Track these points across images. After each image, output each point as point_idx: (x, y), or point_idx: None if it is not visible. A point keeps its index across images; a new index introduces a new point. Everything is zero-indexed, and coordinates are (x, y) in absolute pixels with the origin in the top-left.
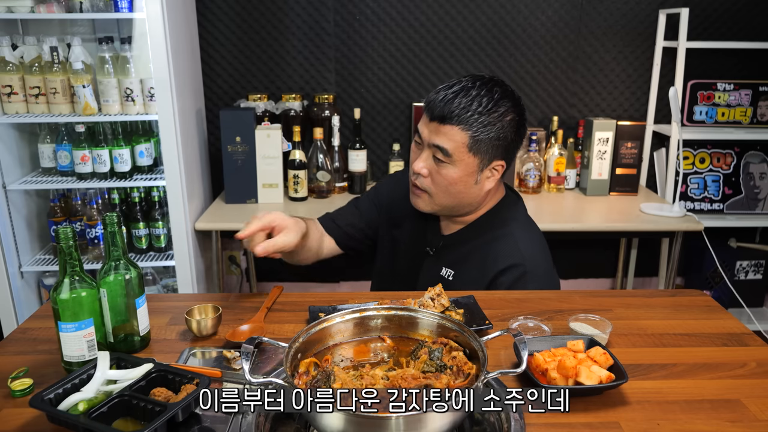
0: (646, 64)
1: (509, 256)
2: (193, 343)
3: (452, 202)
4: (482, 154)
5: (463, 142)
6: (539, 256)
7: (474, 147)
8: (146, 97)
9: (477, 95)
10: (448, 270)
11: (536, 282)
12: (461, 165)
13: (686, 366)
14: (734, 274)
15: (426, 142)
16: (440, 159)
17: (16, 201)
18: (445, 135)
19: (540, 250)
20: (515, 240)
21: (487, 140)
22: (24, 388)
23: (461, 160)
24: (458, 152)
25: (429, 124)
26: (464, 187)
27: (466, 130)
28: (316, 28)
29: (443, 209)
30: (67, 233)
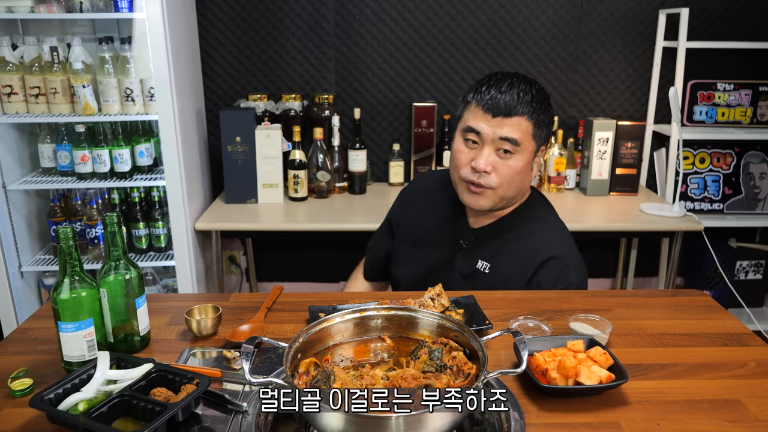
0: (646, 64)
1: (548, 249)
2: (193, 343)
3: (514, 191)
4: (539, 140)
5: (528, 130)
6: (574, 249)
7: (536, 133)
8: (146, 97)
9: (527, 85)
10: (484, 263)
11: (576, 273)
12: (526, 153)
13: (686, 366)
14: (734, 274)
15: (490, 138)
16: (507, 150)
17: (16, 201)
18: (513, 126)
19: (573, 244)
20: (551, 233)
21: (545, 125)
22: (24, 388)
23: (526, 149)
24: (525, 140)
25: (491, 120)
26: (525, 175)
27: (530, 119)
28: (316, 28)
29: (502, 201)
30: (67, 233)
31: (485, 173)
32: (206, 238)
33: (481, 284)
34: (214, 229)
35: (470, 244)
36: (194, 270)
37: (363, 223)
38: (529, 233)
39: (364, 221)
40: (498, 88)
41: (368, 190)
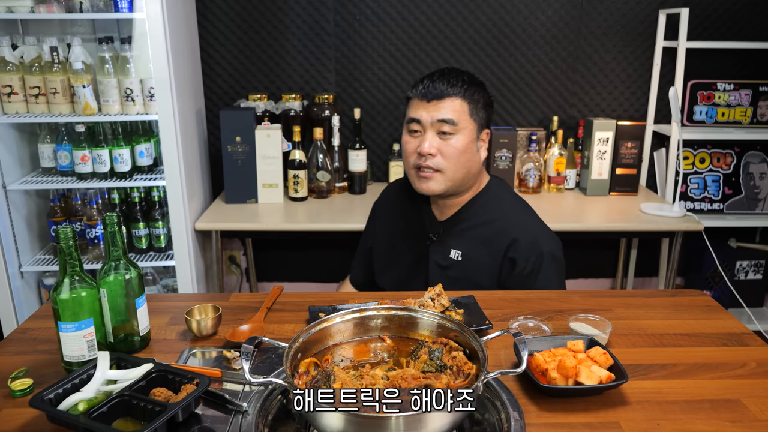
0: (646, 64)
1: (514, 227)
2: (193, 343)
3: (463, 173)
4: (478, 119)
5: (464, 110)
6: (539, 222)
7: (473, 112)
8: (146, 97)
9: (458, 73)
10: (456, 252)
11: (546, 242)
12: (466, 131)
13: (686, 366)
14: (734, 274)
15: (429, 122)
16: (447, 131)
17: (16, 201)
18: (447, 107)
19: (538, 218)
20: (514, 212)
21: (481, 105)
22: (24, 388)
23: (465, 127)
24: (462, 119)
25: (427, 105)
26: (471, 155)
27: (464, 99)
28: (316, 28)
29: (454, 184)
30: (67, 233)
31: (431, 156)
32: (206, 238)
33: (458, 272)
34: (214, 229)
35: (440, 236)
36: (194, 270)
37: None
38: (493, 216)
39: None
40: (431, 79)
41: (368, 190)
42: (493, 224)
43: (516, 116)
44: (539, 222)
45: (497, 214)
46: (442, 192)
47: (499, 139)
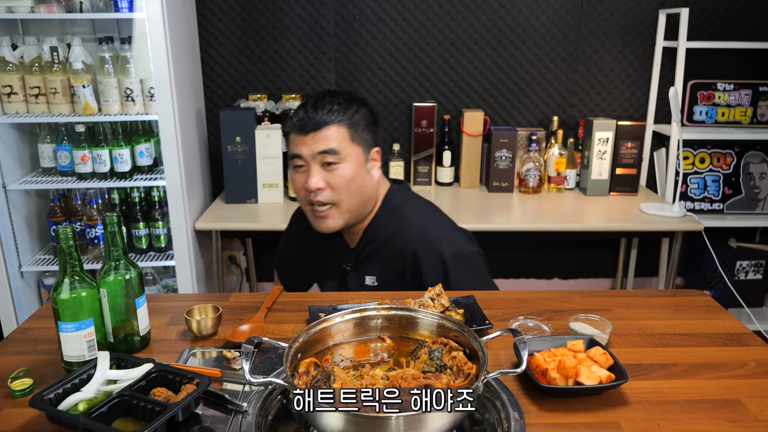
0: (646, 64)
1: (413, 241)
2: (193, 343)
3: (357, 200)
4: (363, 141)
5: (344, 136)
6: (440, 224)
7: (355, 136)
8: (146, 97)
9: (331, 98)
10: (371, 278)
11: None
12: (351, 158)
13: (686, 366)
14: (734, 274)
15: (310, 156)
16: (331, 162)
17: (16, 201)
18: (327, 137)
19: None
20: (411, 224)
21: (363, 126)
22: (24, 388)
23: (350, 154)
24: (345, 146)
25: (305, 138)
26: (362, 180)
27: (342, 125)
28: (316, 28)
29: (352, 215)
30: (67, 233)
31: (320, 190)
32: (206, 238)
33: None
34: (214, 229)
35: (353, 264)
36: (194, 270)
37: None
38: (392, 232)
39: None
40: (305, 110)
41: None
42: (394, 241)
43: (516, 116)
44: (438, 222)
45: (396, 228)
46: (342, 227)
47: (499, 139)
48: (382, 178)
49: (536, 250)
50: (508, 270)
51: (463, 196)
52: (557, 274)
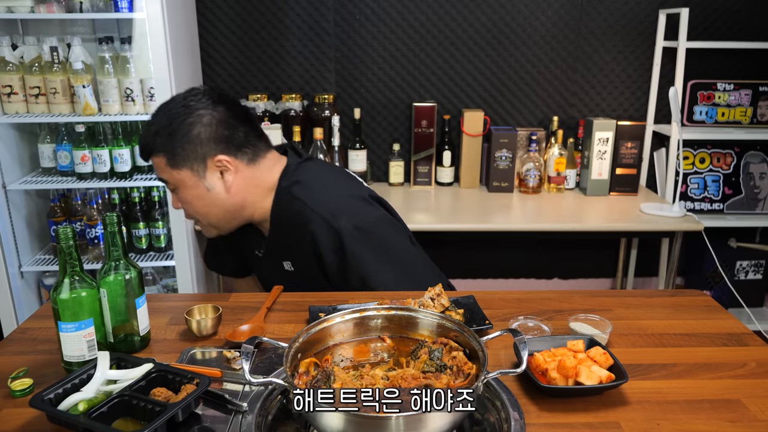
0: (646, 64)
1: (309, 221)
2: (193, 343)
3: (217, 214)
4: (186, 164)
5: (163, 165)
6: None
7: (173, 162)
8: (146, 97)
9: (155, 120)
10: (287, 263)
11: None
12: (181, 184)
13: (686, 366)
14: (734, 274)
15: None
16: (171, 189)
17: (16, 201)
18: (157, 167)
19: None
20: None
21: (180, 150)
22: (24, 388)
23: (176, 180)
24: (168, 175)
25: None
26: (209, 198)
27: (158, 154)
28: (316, 28)
29: (223, 225)
30: (67, 233)
31: (182, 209)
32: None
33: (299, 278)
34: None
35: (267, 251)
36: (194, 270)
37: None
38: (291, 216)
39: None
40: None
41: None
42: (294, 225)
43: (516, 116)
44: (331, 195)
45: (292, 212)
46: (220, 233)
47: (499, 139)
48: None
49: (536, 250)
50: (508, 270)
51: (463, 196)
52: (557, 274)
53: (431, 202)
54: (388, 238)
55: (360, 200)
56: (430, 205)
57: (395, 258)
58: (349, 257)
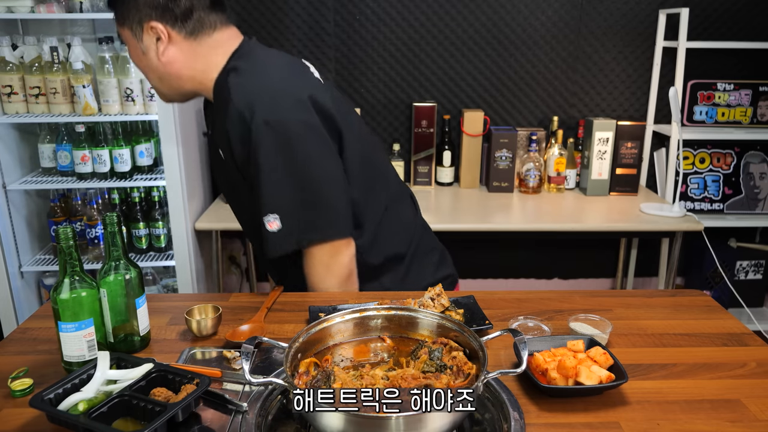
0: (646, 64)
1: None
2: (193, 343)
3: (155, 79)
4: (126, 23)
5: (114, 19)
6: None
7: (118, 19)
8: (146, 97)
9: None
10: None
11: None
12: (124, 41)
13: (686, 366)
14: (734, 274)
15: None
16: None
17: (16, 201)
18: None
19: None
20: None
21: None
22: (24, 388)
23: (121, 35)
24: (118, 30)
25: None
26: (144, 62)
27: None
28: (316, 28)
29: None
30: (67, 233)
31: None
32: (206, 238)
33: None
34: (214, 228)
35: (210, 131)
36: (194, 270)
37: None
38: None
39: None
40: None
41: None
42: (220, 110)
43: (516, 116)
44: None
45: (222, 96)
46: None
47: (499, 139)
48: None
49: (536, 250)
50: (508, 270)
51: (463, 196)
52: (557, 274)
53: (431, 202)
54: (303, 149)
55: (292, 99)
56: (430, 205)
57: (301, 176)
58: (251, 155)
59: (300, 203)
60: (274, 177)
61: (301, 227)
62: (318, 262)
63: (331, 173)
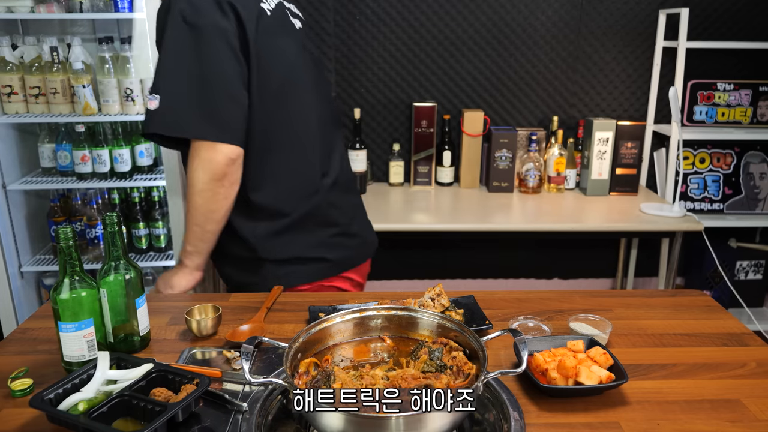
0: (646, 64)
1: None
2: (193, 343)
3: None
4: None
5: None
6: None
7: None
8: (146, 97)
9: None
10: None
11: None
12: None
13: (686, 366)
14: (734, 274)
15: None
16: None
17: (16, 201)
18: None
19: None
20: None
21: None
22: (24, 388)
23: None
24: None
25: None
26: None
27: None
28: (316, 28)
29: None
30: (67, 233)
31: None
32: None
33: None
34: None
35: None
36: None
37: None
38: None
39: None
40: None
41: (368, 190)
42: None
43: (516, 116)
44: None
45: None
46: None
47: (499, 139)
48: None
49: (536, 250)
50: (508, 270)
51: (463, 196)
52: (557, 274)
53: (431, 202)
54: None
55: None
56: (430, 205)
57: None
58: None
59: (185, 95)
60: (168, 63)
61: (177, 117)
62: (195, 153)
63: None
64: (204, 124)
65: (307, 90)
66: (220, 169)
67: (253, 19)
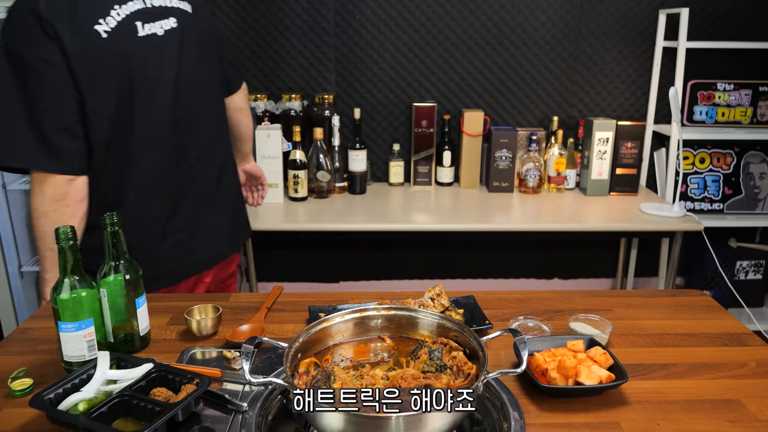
0: (646, 64)
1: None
2: (193, 343)
3: None
4: None
5: None
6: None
7: None
8: None
9: None
10: None
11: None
12: None
13: (686, 366)
14: (734, 274)
15: None
16: None
17: (16, 201)
18: None
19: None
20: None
21: None
22: (24, 388)
23: None
24: None
25: None
26: None
27: None
28: (316, 28)
29: None
30: (67, 233)
31: None
32: None
33: None
34: None
35: None
36: None
37: (363, 223)
38: None
39: (364, 221)
40: None
41: (368, 190)
42: None
43: (516, 116)
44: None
45: None
46: None
47: (499, 139)
48: None
49: (536, 250)
50: (508, 270)
51: (463, 196)
52: (557, 274)
53: (431, 202)
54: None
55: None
56: (430, 205)
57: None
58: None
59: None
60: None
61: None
62: (32, 180)
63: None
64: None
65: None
66: (60, 191)
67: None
